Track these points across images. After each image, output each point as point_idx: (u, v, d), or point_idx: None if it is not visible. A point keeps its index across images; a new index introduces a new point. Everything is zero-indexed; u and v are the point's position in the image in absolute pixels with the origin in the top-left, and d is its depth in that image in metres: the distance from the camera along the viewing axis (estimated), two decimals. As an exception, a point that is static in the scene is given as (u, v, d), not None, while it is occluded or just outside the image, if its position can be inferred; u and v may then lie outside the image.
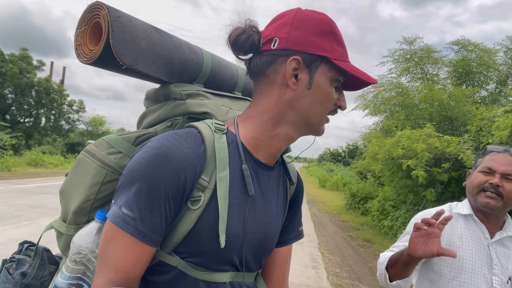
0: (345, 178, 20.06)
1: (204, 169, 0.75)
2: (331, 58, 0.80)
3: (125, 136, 0.87)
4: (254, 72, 0.85)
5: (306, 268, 5.47)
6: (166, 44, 0.87)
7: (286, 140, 0.85)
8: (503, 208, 1.37)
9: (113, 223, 0.71)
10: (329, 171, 28.68)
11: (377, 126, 12.29)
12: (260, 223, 0.85)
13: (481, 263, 1.36)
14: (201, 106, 0.88)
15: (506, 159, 1.39)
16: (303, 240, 5.36)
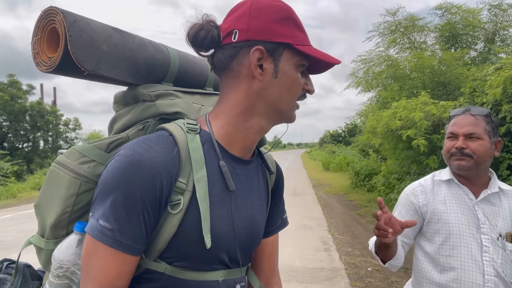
0: (347, 157, 20.06)
1: (180, 171, 0.74)
2: (293, 44, 0.80)
3: (96, 144, 0.85)
4: (218, 67, 0.84)
5: (318, 252, 5.50)
6: (129, 45, 0.85)
7: (260, 131, 0.85)
8: (477, 166, 1.38)
9: (91, 236, 0.70)
10: (331, 152, 28.69)
11: (372, 101, 12.27)
12: (245, 217, 0.85)
13: (468, 224, 1.36)
14: (171, 107, 0.87)
15: (467, 119, 1.40)
16: (312, 224, 5.44)
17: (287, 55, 0.80)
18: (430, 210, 1.42)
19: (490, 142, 1.39)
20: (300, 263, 4.96)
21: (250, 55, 0.78)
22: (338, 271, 4.70)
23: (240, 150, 0.85)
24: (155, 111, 0.86)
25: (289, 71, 0.81)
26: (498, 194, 1.42)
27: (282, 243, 5.91)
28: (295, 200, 10.70)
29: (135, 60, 0.85)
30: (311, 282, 4.30)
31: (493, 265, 1.31)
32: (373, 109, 10.47)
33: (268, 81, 0.80)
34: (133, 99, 0.91)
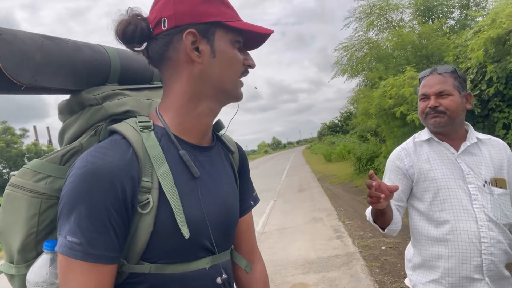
0: (347, 145, 20.11)
1: (141, 171, 0.73)
2: (223, 21, 0.80)
3: (49, 158, 0.82)
4: (155, 59, 0.83)
5: (331, 240, 5.53)
6: (64, 50, 0.80)
7: (211, 114, 0.85)
8: (452, 121, 1.44)
9: (62, 254, 0.68)
10: (331, 144, 28.73)
11: (360, 85, 12.35)
12: (218, 201, 0.85)
13: (454, 177, 1.42)
14: (121, 106, 0.85)
15: (435, 79, 1.47)
16: (322, 215, 5.47)
17: (221, 34, 0.81)
18: (416, 170, 1.48)
19: (461, 96, 1.45)
20: (315, 254, 4.99)
21: (184, 39, 0.78)
22: (353, 255, 4.73)
23: (197, 137, 0.85)
24: (105, 114, 0.84)
25: (226, 48, 0.81)
26: (477, 144, 1.47)
27: (294, 238, 5.96)
28: (302, 195, 10.73)
29: (73, 65, 0.82)
30: (328, 270, 4.33)
31: (484, 211, 1.36)
32: (363, 92, 10.55)
33: (208, 62, 0.80)
34: (78, 106, 0.88)
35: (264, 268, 1.07)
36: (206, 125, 0.86)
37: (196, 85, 0.81)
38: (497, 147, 1.49)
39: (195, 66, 0.80)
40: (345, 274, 4.13)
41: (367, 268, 4.21)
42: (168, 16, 0.78)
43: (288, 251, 5.33)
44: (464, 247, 1.35)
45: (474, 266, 1.34)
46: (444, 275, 1.39)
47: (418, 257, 1.49)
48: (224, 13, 0.81)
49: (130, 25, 0.78)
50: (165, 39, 0.80)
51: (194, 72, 0.81)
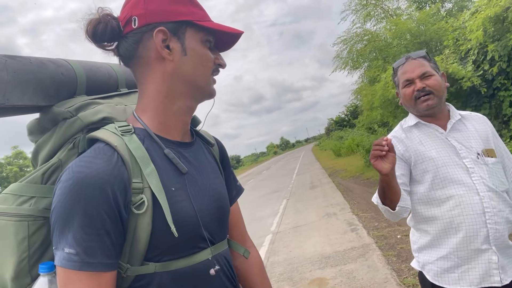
0: (356, 139, 20.03)
1: (130, 173, 0.73)
2: (194, 20, 0.82)
3: (29, 179, 0.80)
4: (126, 57, 0.84)
5: (346, 234, 5.53)
6: (28, 67, 0.80)
7: (188, 111, 0.87)
8: (440, 100, 1.49)
9: (61, 267, 0.68)
10: (339, 138, 28.62)
11: (362, 79, 12.32)
12: (209, 193, 0.87)
13: (448, 154, 1.46)
14: (96, 114, 0.84)
15: (413, 64, 1.52)
16: (335, 210, 5.50)
17: (191, 32, 0.82)
18: (412, 153, 1.51)
19: (440, 76, 1.51)
20: (330, 249, 5.00)
21: (154, 37, 0.79)
22: (369, 246, 4.73)
23: (179, 134, 0.87)
24: (81, 125, 0.83)
25: (197, 47, 0.83)
26: (461, 120, 1.53)
27: (309, 235, 5.97)
28: (314, 192, 10.72)
29: (40, 81, 0.81)
30: (345, 263, 4.34)
31: (483, 182, 1.39)
32: (365, 88, 10.53)
33: (179, 60, 0.81)
34: (51, 123, 0.86)
35: (257, 254, 1.10)
36: (185, 123, 0.88)
37: (170, 83, 0.83)
38: (479, 121, 1.55)
39: (166, 64, 0.81)
40: (362, 266, 4.13)
41: (384, 258, 4.21)
42: (139, 15, 0.80)
43: (304, 248, 5.35)
44: (470, 220, 1.37)
45: (482, 237, 1.36)
46: (452, 250, 1.41)
47: (424, 238, 1.51)
48: (194, 13, 0.83)
49: (100, 24, 0.79)
50: (135, 36, 0.81)
51: (166, 70, 0.82)
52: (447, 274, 1.43)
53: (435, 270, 1.46)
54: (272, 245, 6.03)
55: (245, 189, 1.18)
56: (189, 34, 0.83)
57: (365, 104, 9.66)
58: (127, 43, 0.82)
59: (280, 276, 4.49)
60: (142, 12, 0.80)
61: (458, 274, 1.40)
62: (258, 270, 1.07)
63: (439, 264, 1.45)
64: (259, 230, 7.45)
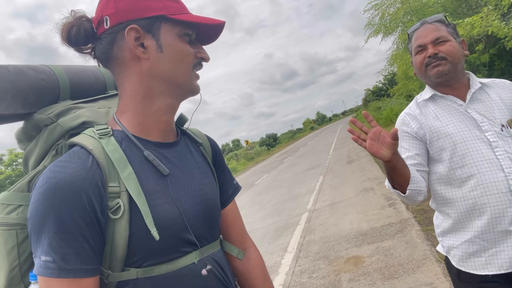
0: (394, 108, 19.33)
1: (106, 177, 0.72)
2: (168, 14, 0.78)
3: (16, 188, 0.80)
4: (102, 59, 0.82)
5: (383, 209, 5.38)
6: (5, 76, 0.79)
7: (170, 110, 0.84)
8: (454, 68, 1.34)
9: (40, 275, 0.67)
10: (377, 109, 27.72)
11: (398, 44, 11.70)
12: (194, 193, 0.84)
13: (468, 128, 1.31)
14: (76, 119, 0.83)
15: (427, 28, 1.39)
16: (372, 185, 5.35)
17: (166, 28, 0.79)
18: (427, 130, 1.38)
19: (457, 42, 1.37)
20: (367, 225, 4.89)
21: (126, 36, 0.77)
22: (407, 221, 4.58)
23: (160, 135, 0.84)
24: (61, 131, 0.82)
25: (173, 42, 0.79)
26: (482, 89, 1.38)
27: (345, 212, 5.89)
28: (351, 167, 10.52)
29: (18, 89, 0.80)
30: (382, 240, 4.23)
31: (509, 157, 1.25)
32: (400, 55, 10.00)
33: (155, 57, 0.78)
34: (34, 130, 0.85)
35: (258, 253, 1.06)
36: (167, 122, 0.85)
37: (147, 82, 0.80)
38: (504, 87, 1.39)
39: (143, 63, 0.79)
40: (400, 242, 4.01)
41: (423, 233, 4.06)
42: (110, 14, 0.78)
43: (340, 225, 5.27)
44: (495, 200, 1.25)
45: (509, 217, 1.23)
46: (478, 233, 1.29)
47: (447, 221, 1.40)
48: (169, 7, 0.79)
49: (73, 28, 0.78)
50: (108, 38, 0.79)
51: (143, 69, 0.79)
52: (473, 259, 1.32)
53: (460, 254, 1.36)
54: (308, 223, 6.00)
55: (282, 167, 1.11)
56: (164, 30, 0.79)
57: (400, 73, 9.19)
58: (101, 45, 0.80)
59: (316, 255, 4.47)
60: (113, 11, 0.77)
61: (485, 258, 1.29)
62: (259, 271, 1.02)
63: (463, 248, 1.34)
64: (295, 209, 7.45)
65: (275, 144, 76.83)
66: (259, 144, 68.95)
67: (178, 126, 0.94)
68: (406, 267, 3.41)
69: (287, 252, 4.91)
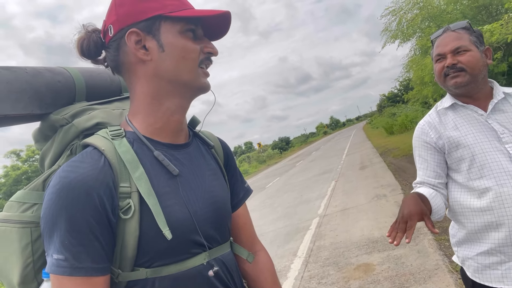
0: (409, 115, 19.10)
1: (117, 177, 0.73)
2: (165, 13, 0.79)
3: (31, 186, 0.82)
4: (113, 66, 0.84)
5: (396, 217, 5.30)
6: (22, 77, 0.82)
7: (179, 110, 0.84)
8: (474, 79, 1.32)
9: (51, 273, 0.68)
10: (392, 115, 27.42)
11: (415, 50, 11.56)
12: (204, 195, 0.84)
13: (488, 139, 1.29)
14: (90, 120, 0.85)
15: (449, 36, 1.36)
16: (385, 192, 5.28)
17: (166, 26, 0.79)
18: (446, 140, 1.36)
19: (479, 51, 1.34)
20: (379, 233, 4.83)
21: (127, 40, 0.78)
22: (420, 229, 4.50)
23: (171, 136, 0.85)
24: (76, 131, 0.84)
25: (174, 40, 0.80)
26: (505, 99, 1.34)
27: (356, 218, 5.83)
28: (364, 173, 10.41)
29: (35, 90, 0.83)
30: (393, 248, 4.17)
31: None
32: (415, 61, 9.88)
33: (158, 58, 0.79)
34: (50, 130, 0.88)
35: (267, 256, 1.06)
36: (177, 122, 0.85)
37: (154, 83, 0.81)
38: None
39: (147, 65, 0.80)
40: (411, 251, 3.95)
41: (436, 242, 3.99)
42: (113, 22, 0.80)
43: (351, 232, 5.22)
44: None
45: None
46: (495, 245, 1.27)
47: (462, 231, 1.37)
48: (167, 5, 0.80)
49: (84, 41, 0.82)
50: (114, 45, 0.81)
51: (148, 71, 0.80)
52: (488, 271, 1.29)
53: (475, 266, 1.33)
54: (318, 228, 5.96)
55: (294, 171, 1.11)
56: (164, 29, 0.79)
57: (415, 79, 9.07)
58: (109, 53, 0.83)
59: (325, 260, 4.43)
60: (115, 18, 0.80)
61: (501, 271, 1.26)
62: (268, 275, 1.02)
63: (479, 259, 1.32)
64: (306, 213, 7.41)
65: (288, 147, 76.61)
66: (272, 147, 68.88)
67: (190, 129, 0.95)
68: (417, 276, 3.36)
69: (297, 257, 4.88)
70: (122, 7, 0.79)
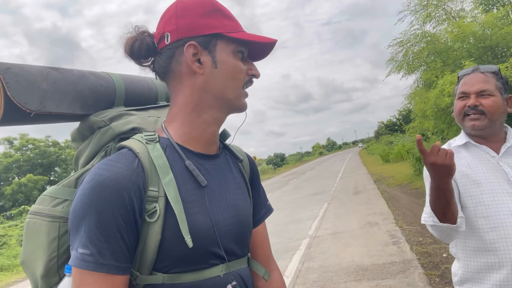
0: (406, 145, 19.22)
1: (147, 181, 0.74)
2: (224, 32, 0.82)
3: (65, 183, 0.85)
4: (161, 72, 0.86)
5: (387, 246, 5.30)
6: (69, 78, 0.86)
7: (215, 123, 0.86)
8: (492, 124, 1.34)
9: (74, 266, 0.69)
10: (389, 143, 27.58)
11: (419, 82, 11.72)
12: (228, 208, 0.85)
13: (498, 180, 1.31)
14: (127, 124, 0.88)
15: (477, 77, 1.37)
16: (377, 219, 5.32)
17: (222, 45, 0.82)
18: (458, 174, 1.37)
19: (502, 98, 1.36)
20: (369, 261, 4.82)
21: (185, 52, 0.80)
22: (411, 262, 4.50)
23: (203, 146, 0.86)
24: (112, 134, 0.86)
25: (227, 59, 0.82)
26: None
27: (347, 243, 5.81)
28: (357, 198, 10.42)
29: (79, 91, 0.87)
30: (383, 278, 4.15)
31: None
32: (419, 93, 10.02)
33: (209, 73, 0.82)
34: (88, 131, 0.91)
35: (281, 277, 1.06)
36: (212, 134, 0.87)
37: (199, 96, 0.83)
38: None
39: (197, 77, 0.82)
40: (401, 283, 3.93)
41: (426, 277, 3.98)
42: (171, 31, 0.82)
43: (341, 256, 5.20)
44: None
45: None
46: (496, 286, 1.27)
47: (464, 269, 1.38)
48: (225, 25, 0.83)
49: (136, 42, 0.83)
50: (168, 52, 0.83)
51: (196, 83, 0.83)
52: None
53: None
54: (308, 249, 5.93)
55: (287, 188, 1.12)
56: (220, 47, 0.82)
57: (417, 111, 9.18)
58: (161, 59, 0.84)
59: (313, 283, 4.40)
60: (174, 28, 0.82)
61: None
62: None
63: None
64: (296, 233, 7.38)
65: (282, 164, 76.61)
66: (266, 162, 68.83)
67: (221, 141, 0.96)
68: (405, 309, 3.34)
69: (284, 276, 4.84)
70: (183, 19, 0.81)
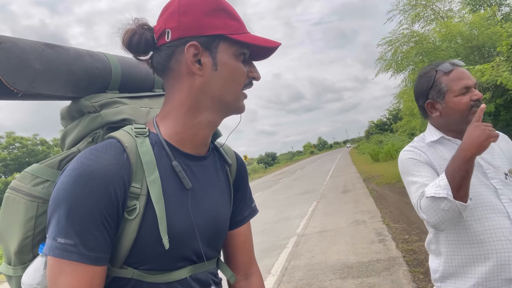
0: (396, 144, 19.37)
1: (132, 176, 0.73)
2: (227, 34, 0.78)
3: (48, 163, 0.83)
4: (158, 69, 0.83)
5: (373, 244, 5.31)
6: (64, 58, 0.82)
7: (209, 126, 0.84)
8: None
9: (53, 256, 0.67)
10: (379, 143, 27.77)
11: (406, 82, 11.80)
12: (206, 212, 0.84)
13: (475, 173, 1.28)
14: (117, 114, 0.85)
15: (466, 71, 1.37)
16: (365, 218, 5.31)
17: (224, 46, 0.79)
18: (437, 166, 1.36)
19: None
20: (354, 258, 4.82)
21: (185, 52, 0.77)
22: (396, 259, 4.50)
23: (193, 147, 0.84)
24: (102, 122, 0.85)
25: (229, 61, 0.79)
26: None
27: (334, 241, 5.81)
28: (345, 197, 10.45)
29: (72, 73, 0.83)
30: (368, 275, 4.15)
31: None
32: (407, 92, 10.09)
33: (209, 75, 0.79)
34: (78, 113, 0.89)
35: (261, 280, 1.03)
36: (204, 137, 0.85)
37: (196, 97, 0.80)
38: (503, 139, 1.43)
39: (196, 79, 0.79)
40: (385, 280, 3.93)
41: (410, 274, 3.99)
42: (172, 28, 0.78)
43: (327, 254, 5.19)
44: (501, 246, 1.22)
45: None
46: (481, 280, 1.25)
47: (447, 264, 1.35)
48: (229, 26, 0.79)
49: (135, 35, 0.79)
50: (167, 50, 0.79)
51: (195, 85, 0.80)
52: None
53: None
54: (295, 247, 5.92)
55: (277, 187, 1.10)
56: (222, 48, 0.79)
57: (405, 109, 9.24)
58: (160, 56, 0.81)
59: (299, 281, 4.38)
60: (176, 25, 0.78)
61: None
62: None
63: None
64: (284, 231, 7.37)
65: (273, 163, 76.74)
66: (257, 161, 68.85)
67: (211, 141, 0.93)
68: (388, 307, 3.34)
69: (270, 275, 4.82)
70: (185, 16, 0.78)
